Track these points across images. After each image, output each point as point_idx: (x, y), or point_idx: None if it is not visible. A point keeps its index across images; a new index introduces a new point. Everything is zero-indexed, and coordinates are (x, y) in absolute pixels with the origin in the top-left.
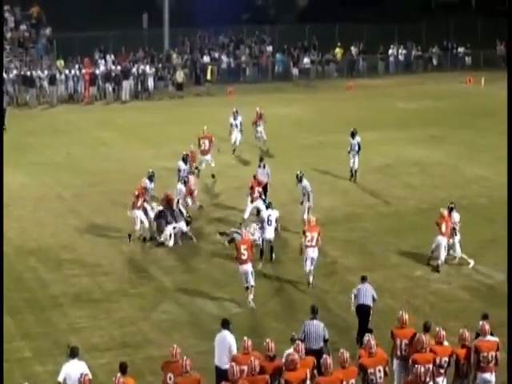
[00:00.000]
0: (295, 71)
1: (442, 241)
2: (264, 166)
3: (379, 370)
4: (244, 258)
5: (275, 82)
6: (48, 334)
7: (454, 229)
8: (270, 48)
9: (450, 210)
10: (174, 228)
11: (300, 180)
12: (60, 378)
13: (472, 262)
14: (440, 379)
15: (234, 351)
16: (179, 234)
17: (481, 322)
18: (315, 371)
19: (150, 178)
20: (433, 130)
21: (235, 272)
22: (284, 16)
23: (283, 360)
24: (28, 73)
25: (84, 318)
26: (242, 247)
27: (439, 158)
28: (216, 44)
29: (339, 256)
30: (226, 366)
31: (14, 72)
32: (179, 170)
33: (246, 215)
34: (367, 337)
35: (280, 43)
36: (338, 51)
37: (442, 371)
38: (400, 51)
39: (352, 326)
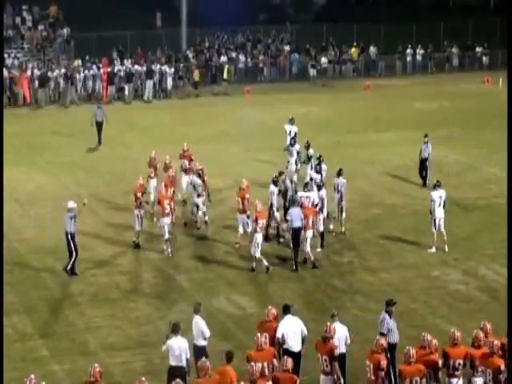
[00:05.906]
0: (312, 71)
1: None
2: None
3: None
4: (167, 211)
5: (292, 81)
6: (65, 332)
7: (440, 205)
8: (287, 48)
9: (439, 186)
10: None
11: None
12: (164, 348)
13: (433, 250)
14: (455, 380)
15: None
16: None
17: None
18: None
19: None
20: (450, 130)
21: (250, 272)
22: (301, 16)
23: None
24: (48, 72)
25: (101, 317)
26: (165, 202)
27: (457, 158)
28: (233, 44)
29: (356, 256)
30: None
31: (35, 71)
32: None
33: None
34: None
35: (297, 43)
36: (354, 51)
37: (458, 373)
38: (417, 51)
39: (370, 326)
